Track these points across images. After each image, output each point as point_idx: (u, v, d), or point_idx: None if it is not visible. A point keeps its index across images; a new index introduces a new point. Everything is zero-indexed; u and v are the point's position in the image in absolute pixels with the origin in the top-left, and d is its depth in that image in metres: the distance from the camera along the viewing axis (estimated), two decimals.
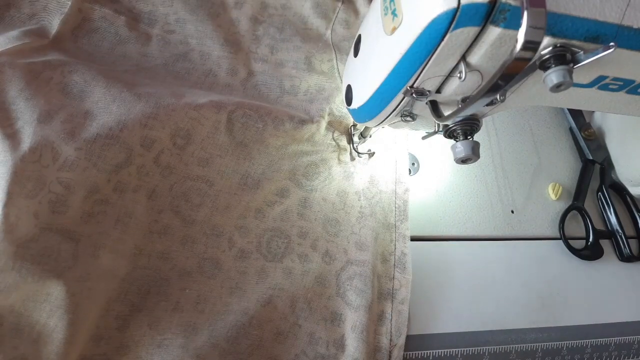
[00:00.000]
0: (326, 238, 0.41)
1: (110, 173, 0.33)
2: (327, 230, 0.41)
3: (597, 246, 0.50)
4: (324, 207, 0.42)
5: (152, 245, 0.35)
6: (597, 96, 0.32)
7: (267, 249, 0.39)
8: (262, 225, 0.39)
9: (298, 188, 0.41)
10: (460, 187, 0.50)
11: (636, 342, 0.47)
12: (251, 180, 0.39)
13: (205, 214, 0.38)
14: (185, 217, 0.37)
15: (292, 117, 0.40)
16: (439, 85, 0.30)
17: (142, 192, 0.35)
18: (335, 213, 0.42)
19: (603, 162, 0.55)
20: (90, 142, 0.32)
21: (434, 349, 0.41)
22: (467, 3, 0.23)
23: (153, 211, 0.36)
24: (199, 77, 0.41)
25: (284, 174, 0.41)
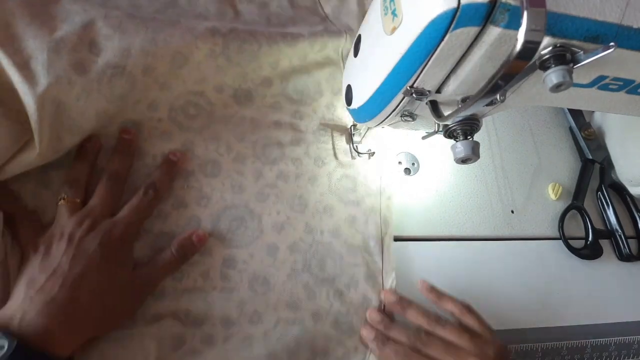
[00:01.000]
0: (317, 145, 0.44)
1: (117, 102, 0.36)
2: (318, 139, 0.45)
3: (596, 245, 0.50)
4: (314, 119, 0.45)
5: (153, 149, 0.39)
6: (597, 96, 0.32)
7: (262, 153, 0.42)
8: (256, 132, 0.43)
9: (289, 103, 0.44)
10: (460, 187, 0.50)
11: (636, 342, 0.47)
12: (244, 94, 0.43)
13: (202, 123, 0.41)
14: (182, 125, 0.41)
15: (285, 36, 0.43)
16: (439, 85, 0.30)
17: (143, 103, 0.39)
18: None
19: (603, 161, 0.55)
20: (100, 74, 0.34)
21: None
22: (467, 3, 0.23)
23: (153, 120, 0.40)
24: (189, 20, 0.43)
25: (275, 89, 0.44)
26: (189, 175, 0.40)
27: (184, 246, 0.36)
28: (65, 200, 0.34)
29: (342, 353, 0.38)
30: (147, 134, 0.39)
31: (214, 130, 0.41)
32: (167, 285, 0.36)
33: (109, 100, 0.35)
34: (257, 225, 0.40)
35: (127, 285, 0.33)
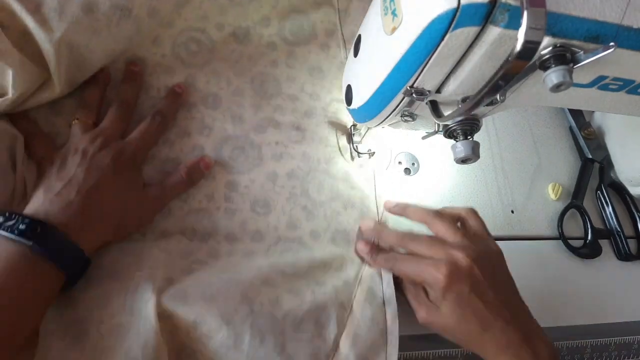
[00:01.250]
0: (312, 82, 0.47)
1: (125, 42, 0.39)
2: (313, 75, 0.47)
3: (595, 245, 0.50)
4: (309, 59, 0.47)
5: (157, 82, 0.42)
6: (597, 96, 0.32)
7: (260, 88, 0.45)
8: (254, 69, 0.45)
9: (285, 44, 0.47)
10: (460, 187, 0.50)
11: (636, 342, 0.47)
12: (243, 33, 0.46)
13: (204, 59, 0.44)
14: (185, 60, 0.43)
15: None
16: (439, 85, 0.30)
17: (148, 40, 0.42)
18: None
19: (602, 161, 0.55)
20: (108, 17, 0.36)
21: (434, 349, 0.41)
22: (467, 3, 0.23)
23: (157, 56, 0.42)
24: None
25: (273, 29, 0.47)
26: (192, 107, 0.42)
27: (192, 170, 0.38)
28: (79, 120, 0.36)
29: (339, 264, 0.40)
30: (152, 69, 0.42)
31: (215, 65, 0.44)
32: (174, 205, 0.39)
33: (116, 40, 0.37)
34: (257, 154, 0.42)
35: (137, 200, 0.36)
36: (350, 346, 0.36)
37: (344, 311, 0.37)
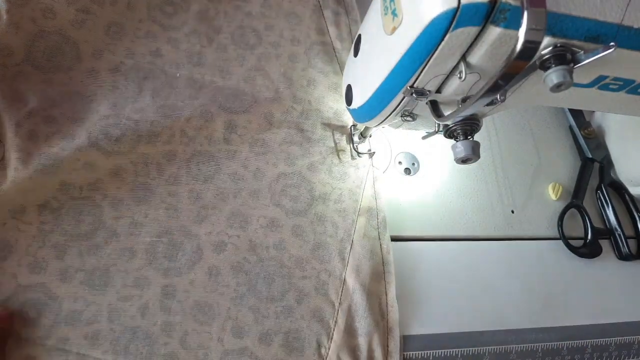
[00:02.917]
0: (290, 27, 0.48)
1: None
2: (290, 21, 0.48)
3: (595, 244, 0.50)
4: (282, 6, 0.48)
5: (140, 48, 0.41)
6: (597, 96, 0.32)
7: (241, 40, 0.45)
8: (233, 24, 0.46)
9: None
10: (460, 187, 0.50)
11: (636, 342, 0.47)
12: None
13: (181, 19, 0.44)
14: (163, 24, 0.43)
15: None
16: (439, 85, 0.30)
17: (121, 4, 0.41)
18: None
19: (602, 160, 0.55)
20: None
21: (434, 349, 0.41)
22: (467, 3, 0.23)
23: (134, 21, 0.41)
24: None
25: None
26: (180, 66, 0.42)
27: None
28: None
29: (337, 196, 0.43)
30: (132, 35, 0.41)
31: (193, 25, 0.44)
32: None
33: None
34: (251, 99, 0.43)
35: None
36: (354, 278, 0.40)
37: (345, 245, 0.41)
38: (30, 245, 0.34)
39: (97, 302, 0.34)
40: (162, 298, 0.36)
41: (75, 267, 0.34)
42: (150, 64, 0.41)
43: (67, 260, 0.34)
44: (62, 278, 0.34)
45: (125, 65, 0.40)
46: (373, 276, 0.41)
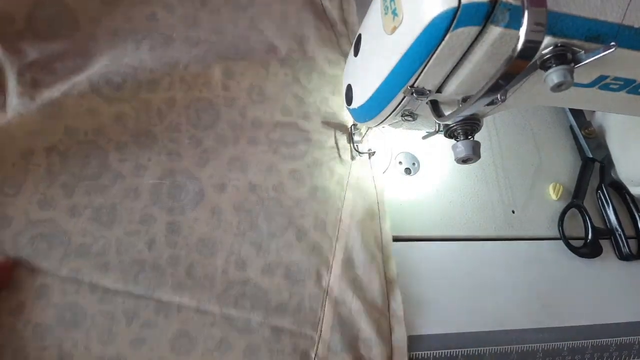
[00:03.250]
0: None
1: None
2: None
3: (596, 244, 0.50)
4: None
5: (137, 13, 0.41)
6: (597, 96, 0.32)
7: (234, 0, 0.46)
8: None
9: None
10: (460, 187, 0.50)
11: (637, 342, 0.47)
12: None
13: None
14: None
15: None
16: (439, 85, 0.30)
17: None
18: None
19: (603, 160, 0.55)
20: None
21: (434, 349, 0.41)
22: (468, 2, 0.23)
23: None
24: None
25: None
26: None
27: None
28: None
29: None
30: (129, 2, 0.41)
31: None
32: None
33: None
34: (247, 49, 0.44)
35: None
36: (350, 217, 0.42)
37: (341, 189, 0.43)
38: (39, 184, 0.35)
39: (106, 237, 0.35)
40: (168, 234, 0.37)
41: (83, 205, 0.36)
42: (147, 28, 0.41)
43: (75, 199, 0.36)
44: (71, 214, 0.35)
45: (123, 29, 0.40)
46: (367, 214, 0.43)
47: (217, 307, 0.36)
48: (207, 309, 0.36)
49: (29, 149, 0.36)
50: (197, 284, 0.36)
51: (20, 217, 0.34)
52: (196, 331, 0.35)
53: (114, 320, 0.33)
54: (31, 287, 0.33)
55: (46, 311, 0.32)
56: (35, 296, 0.33)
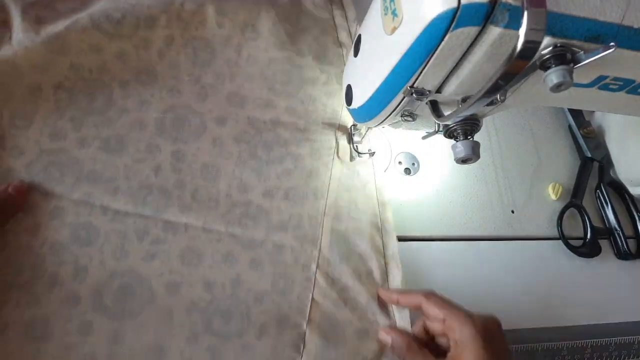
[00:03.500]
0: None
1: None
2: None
3: (594, 243, 0.50)
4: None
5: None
6: (597, 96, 0.32)
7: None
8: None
9: None
10: (460, 187, 0.50)
11: (636, 342, 0.47)
12: None
13: None
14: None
15: None
16: (439, 85, 0.30)
17: None
18: None
19: (602, 160, 0.55)
20: None
21: None
22: (467, 3, 0.23)
23: None
24: None
25: None
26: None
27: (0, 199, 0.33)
28: None
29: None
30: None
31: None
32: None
33: None
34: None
35: None
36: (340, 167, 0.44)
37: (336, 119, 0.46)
38: (48, 118, 0.37)
39: (115, 164, 0.38)
40: (173, 161, 0.39)
41: (92, 136, 0.38)
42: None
43: (83, 131, 0.38)
44: (81, 145, 0.38)
45: None
46: None
47: (222, 226, 0.38)
48: (212, 228, 0.38)
49: (36, 85, 0.37)
50: (202, 206, 0.38)
51: (32, 148, 0.36)
52: (203, 247, 0.37)
53: (126, 238, 0.36)
54: (46, 210, 0.35)
55: (61, 231, 0.34)
56: (49, 217, 0.34)
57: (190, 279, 0.36)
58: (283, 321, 0.36)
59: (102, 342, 0.32)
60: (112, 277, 0.34)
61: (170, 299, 0.35)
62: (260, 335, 0.35)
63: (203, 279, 0.36)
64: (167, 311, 0.34)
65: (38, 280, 0.33)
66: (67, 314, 0.32)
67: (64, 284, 0.33)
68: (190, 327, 0.34)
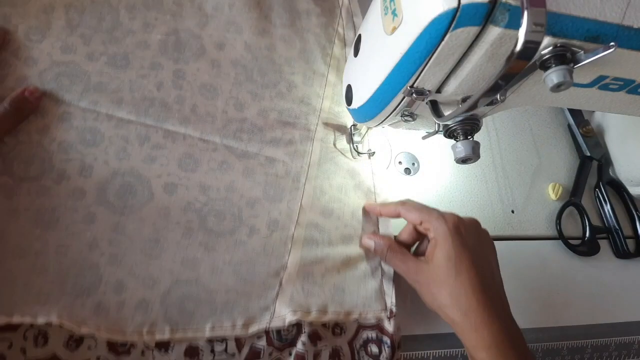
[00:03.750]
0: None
1: None
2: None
3: (593, 242, 0.50)
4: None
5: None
6: (597, 96, 0.32)
7: None
8: None
9: None
10: (460, 187, 0.50)
11: (636, 342, 0.47)
12: None
13: None
14: None
15: None
16: (439, 85, 0.30)
17: None
18: None
19: (601, 159, 0.55)
20: None
21: (434, 349, 0.41)
22: (467, 3, 0.23)
23: None
24: None
25: None
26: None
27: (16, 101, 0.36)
28: None
29: None
30: None
31: None
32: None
33: None
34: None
35: None
36: (336, 75, 0.48)
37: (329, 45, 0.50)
38: (60, 33, 0.41)
39: (120, 78, 0.41)
40: (174, 78, 0.42)
41: (100, 52, 0.41)
42: None
43: (92, 46, 0.41)
44: (89, 59, 0.41)
45: None
46: None
47: (218, 137, 0.41)
48: (209, 139, 0.41)
49: (50, 4, 0.41)
50: (201, 119, 0.41)
51: (44, 58, 0.39)
52: (200, 154, 0.40)
53: (128, 142, 0.39)
54: (55, 113, 0.38)
55: (69, 132, 0.37)
56: (58, 120, 0.38)
57: (187, 182, 0.39)
58: (273, 224, 0.39)
59: (104, 231, 0.35)
60: (115, 175, 0.37)
61: (168, 199, 0.38)
62: (251, 234, 0.38)
63: (199, 182, 0.39)
64: (165, 209, 0.37)
65: (47, 174, 0.36)
66: (73, 205, 0.35)
67: (70, 178, 0.36)
68: (186, 224, 0.37)
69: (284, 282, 0.38)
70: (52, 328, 0.32)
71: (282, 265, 0.38)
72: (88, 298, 0.33)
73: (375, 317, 0.39)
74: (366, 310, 0.38)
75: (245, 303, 0.36)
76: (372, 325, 0.39)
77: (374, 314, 0.38)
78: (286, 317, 0.36)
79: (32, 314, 0.31)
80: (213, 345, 0.35)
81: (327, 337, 0.37)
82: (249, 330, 0.35)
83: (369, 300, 0.39)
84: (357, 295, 0.39)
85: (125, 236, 0.35)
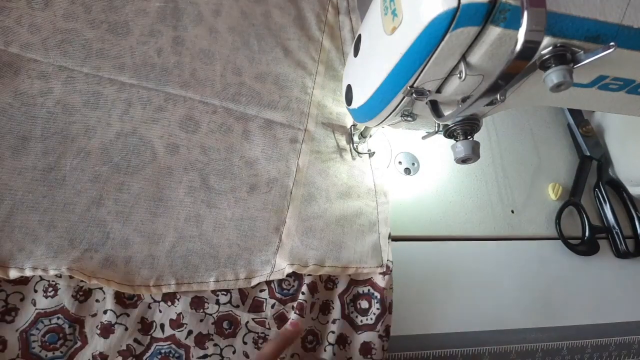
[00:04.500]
0: None
1: None
2: None
3: (593, 241, 0.50)
4: None
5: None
6: (597, 96, 0.32)
7: None
8: None
9: None
10: (460, 187, 0.50)
11: (636, 342, 0.47)
12: None
13: None
14: None
15: None
16: (439, 85, 0.30)
17: None
18: None
19: (600, 158, 0.55)
20: None
21: (434, 349, 0.41)
22: (467, 3, 0.23)
23: None
24: None
25: None
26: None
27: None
28: None
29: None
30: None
31: None
32: None
33: None
34: None
35: None
36: (330, 42, 0.50)
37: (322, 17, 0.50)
38: (62, 1, 0.42)
39: (121, 45, 0.42)
40: (173, 45, 0.44)
41: (100, 20, 0.42)
42: None
43: (93, 14, 0.42)
44: (91, 26, 0.42)
45: None
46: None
47: (217, 100, 0.43)
48: (208, 102, 0.43)
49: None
50: (200, 83, 0.43)
51: (48, 26, 0.40)
52: (200, 116, 0.42)
53: (131, 105, 0.40)
54: (59, 79, 0.39)
55: (72, 95, 0.39)
56: (63, 84, 0.39)
57: (188, 143, 0.41)
58: (272, 182, 0.41)
59: (110, 190, 0.37)
60: (118, 137, 0.39)
61: (170, 159, 0.40)
62: (251, 192, 0.41)
63: (200, 143, 0.41)
64: (168, 168, 0.39)
65: (51, 135, 0.37)
66: (79, 164, 0.37)
67: (75, 140, 0.38)
68: (188, 183, 0.39)
69: (284, 236, 0.40)
70: (62, 280, 0.34)
71: (282, 220, 0.40)
72: (96, 253, 0.35)
73: (370, 273, 0.40)
74: (362, 265, 0.39)
75: (247, 257, 0.38)
76: (364, 281, 0.40)
77: (370, 269, 0.39)
78: (285, 269, 0.37)
79: (43, 267, 0.33)
80: (218, 297, 0.36)
81: (321, 290, 0.39)
82: (252, 283, 0.37)
83: (366, 256, 0.40)
84: (354, 250, 0.40)
85: (130, 195, 0.37)
